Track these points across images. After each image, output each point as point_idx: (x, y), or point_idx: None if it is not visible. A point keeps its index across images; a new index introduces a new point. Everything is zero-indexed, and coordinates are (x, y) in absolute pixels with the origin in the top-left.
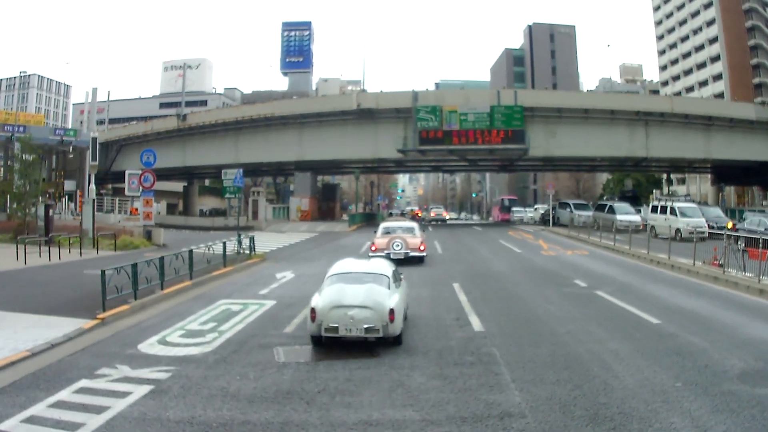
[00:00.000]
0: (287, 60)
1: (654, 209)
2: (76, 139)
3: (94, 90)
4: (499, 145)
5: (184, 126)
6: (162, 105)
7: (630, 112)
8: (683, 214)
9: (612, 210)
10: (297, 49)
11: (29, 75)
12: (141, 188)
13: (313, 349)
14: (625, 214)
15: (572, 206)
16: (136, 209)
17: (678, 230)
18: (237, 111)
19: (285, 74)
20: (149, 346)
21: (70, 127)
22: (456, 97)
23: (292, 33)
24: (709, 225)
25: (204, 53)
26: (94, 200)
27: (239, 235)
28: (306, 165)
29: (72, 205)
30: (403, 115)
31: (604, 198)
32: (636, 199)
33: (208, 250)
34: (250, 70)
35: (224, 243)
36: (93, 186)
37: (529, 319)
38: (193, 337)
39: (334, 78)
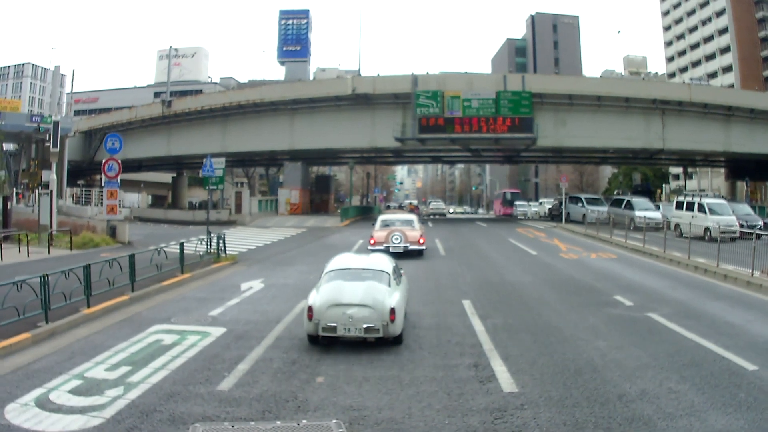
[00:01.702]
0: (284, 49)
1: (679, 205)
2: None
3: (57, 68)
4: (506, 134)
5: (170, 113)
6: (156, 94)
7: (646, 100)
8: (713, 212)
9: (630, 205)
10: (294, 38)
11: (23, 64)
12: (105, 178)
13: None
14: (645, 210)
15: (584, 201)
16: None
17: (707, 229)
18: (224, 97)
19: (282, 63)
20: (21, 408)
21: (63, 116)
22: (459, 82)
23: (290, 21)
24: (739, 224)
25: (200, 42)
26: (52, 192)
27: (209, 233)
28: (298, 154)
29: None
30: (401, 100)
31: (615, 192)
32: (649, 194)
33: (158, 253)
34: (246, 59)
35: (181, 244)
36: (54, 176)
37: (580, 367)
38: (86, 395)
39: (332, 68)
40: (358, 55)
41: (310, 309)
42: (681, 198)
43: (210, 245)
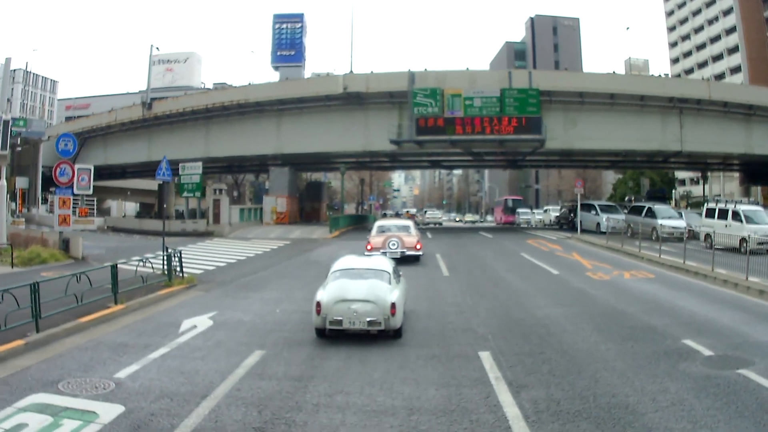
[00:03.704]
0: (278, 54)
1: (709, 213)
2: (27, 130)
3: (8, 60)
4: (511, 135)
5: (150, 115)
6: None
7: (662, 98)
8: (749, 220)
9: (652, 213)
10: (289, 43)
11: (14, 70)
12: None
13: None
14: (669, 219)
15: (598, 208)
16: (86, 210)
17: (744, 240)
18: (206, 97)
19: (276, 68)
20: None
21: (54, 122)
22: (460, 79)
23: (284, 25)
24: None
25: (194, 47)
26: None
27: (165, 249)
28: (286, 159)
29: (13, 205)
30: (397, 99)
31: (626, 198)
32: (664, 200)
33: (78, 280)
34: (240, 65)
35: (114, 266)
36: (3, 182)
37: None
38: None
39: (326, 72)
40: (350, 52)
41: (318, 304)
42: (711, 204)
43: (164, 263)
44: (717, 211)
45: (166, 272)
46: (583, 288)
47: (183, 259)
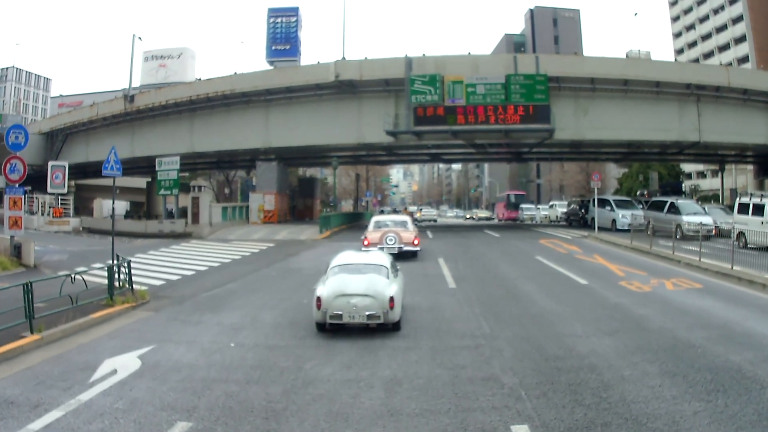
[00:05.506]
0: (273, 48)
1: (743, 208)
2: (2, 126)
3: None
4: (518, 125)
5: (132, 109)
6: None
7: (679, 84)
8: None
9: (676, 209)
10: (284, 37)
11: (6, 68)
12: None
13: None
14: (694, 215)
15: (613, 203)
16: (60, 210)
17: None
18: (190, 88)
19: (271, 63)
20: None
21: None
22: (461, 65)
23: (279, 19)
24: None
25: (188, 43)
26: None
27: (115, 258)
28: (276, 153)
29: None
30: (393, 88)
31: (638, 193)
32: (679, 194)
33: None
34: (235, 61)
35: (27, 284)
36: None
37: None
38: None
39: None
40: (342, 35)
41: (318, 299)
42: (744, 199)
43: (114, 276)
44: (751, 206)
45: (122, 284)
46: (623, 304)
47: (147, 267)
